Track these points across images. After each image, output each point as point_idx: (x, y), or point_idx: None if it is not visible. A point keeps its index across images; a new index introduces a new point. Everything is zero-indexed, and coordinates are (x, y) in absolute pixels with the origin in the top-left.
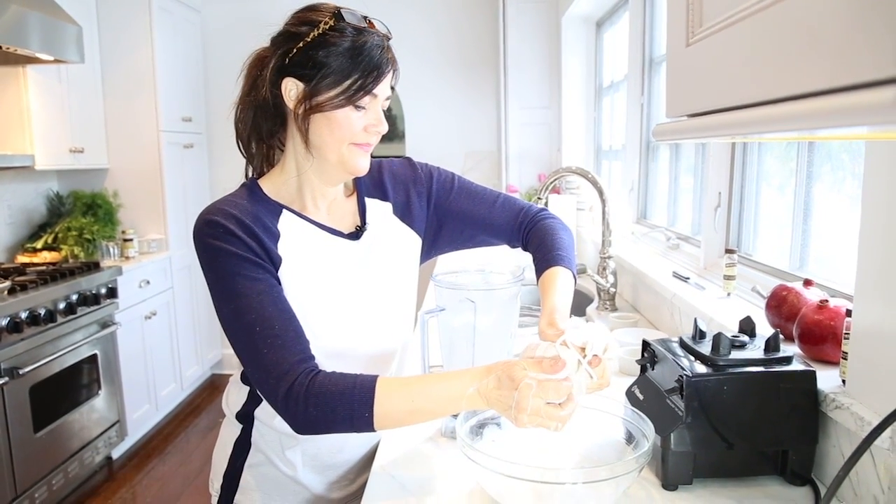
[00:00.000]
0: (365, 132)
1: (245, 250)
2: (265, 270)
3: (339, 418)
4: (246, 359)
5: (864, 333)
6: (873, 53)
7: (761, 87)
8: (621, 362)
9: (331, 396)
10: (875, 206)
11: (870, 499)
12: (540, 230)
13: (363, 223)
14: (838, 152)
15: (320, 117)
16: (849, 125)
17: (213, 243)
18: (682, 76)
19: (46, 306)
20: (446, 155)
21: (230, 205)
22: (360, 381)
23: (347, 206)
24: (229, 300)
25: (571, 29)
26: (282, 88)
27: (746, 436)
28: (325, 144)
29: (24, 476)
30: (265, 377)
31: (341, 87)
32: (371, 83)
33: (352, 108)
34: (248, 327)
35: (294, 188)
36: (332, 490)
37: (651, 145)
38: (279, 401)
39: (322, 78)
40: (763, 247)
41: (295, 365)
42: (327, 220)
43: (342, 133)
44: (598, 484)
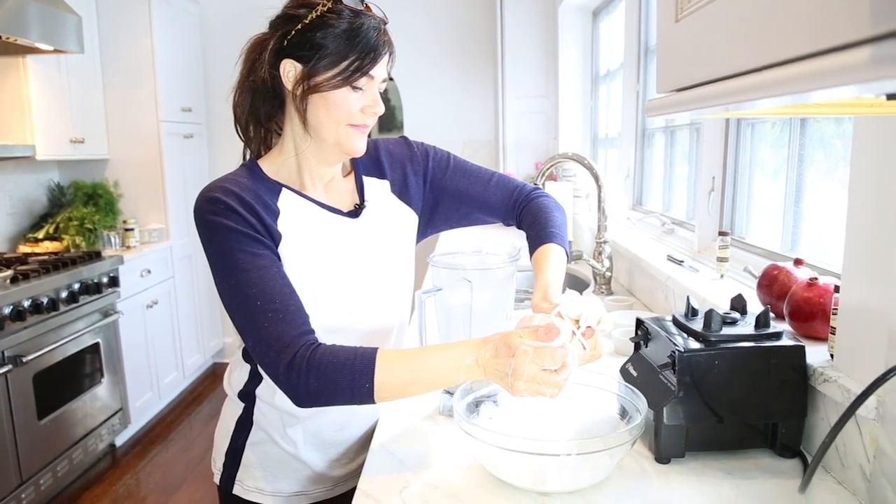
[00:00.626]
0: (362, 113)
1: (245, 226)
2: (265, 246)
3: (339, 389)
4: (247, 333)
5: (851, 309)
6: (850, 16)
7: (745, 56)
8: (616, 342)
9: (332, 367)
10: (862, 186)
11: (856, 468)
12: (533, 208)
13: (362, 201)
14: (831, 138)
15: (318, 98)
16: (830, 86)
17: (213, 219)
18: (672, 52)
19: (49, 295)
20: (444, 144)
21: (230, 182)
22: (360, 352)
23: (346, 185)
24: (230, 275)
25: (568, 18)
26: (280, 70)
27: (737, 409)
28: (323, 125)
29: (28, 463)
30: (266, 350)
31: (339, 68)
32: (368, 64)
33: (349, 90)
34: (250, 301)
35: (293, 168)
36: (332, 468)
37: (646, 133)
38: (281, 373)
39: (320, 59)
40: (756, 229)
41: (296, 338)
42: (326, 198)
43: (339, 114)
44: (592, 456)
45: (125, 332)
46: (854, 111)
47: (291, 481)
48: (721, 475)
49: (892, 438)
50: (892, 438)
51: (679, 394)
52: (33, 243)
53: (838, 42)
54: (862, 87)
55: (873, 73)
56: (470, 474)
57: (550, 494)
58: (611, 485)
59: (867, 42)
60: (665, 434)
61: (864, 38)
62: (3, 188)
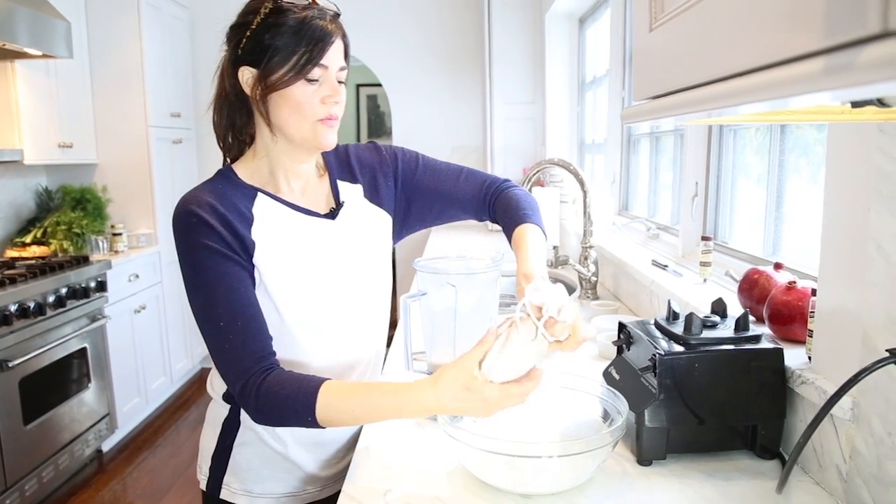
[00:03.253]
0: (323, 105)
1: (218, 241)
2: (236, 263)
3: (285, 418)
4: (210, 349)
5: (827, 312)
6: (807, 28)
7: (714, 65)
8: (600, 346)
9: (276, 399)
10: (836, 191)
11: (833, 469)
12: (504, 198)
13: (338, 202)
14: (813, 144)
15: (277, 98)
16: (788, 95)
17: (187, 233)
18: (647, 60)
19: (36, 299)
20: (433, 149)
21: (206, 192)
22: (304, 386)
23: (321, 188)
24: (198, 292)
25: (555, 25)
26: (239, 78)
27: (717, 412)
28: (288, 124)
29: (14, 468)
30: (226, 371)
31: (290, 64)
32: (317, 53)
33: (305, 83)
34: (214, 321)
35: (266, 171)
36: (322, 467)
37: (632, 139)
38: (236, 394)
39: (270, 58)
40: (738, 234)
41: (251, 364)
42: (302, 201)
43: (301, 110)
44: (574, 458)
45: (113, 337)
46: (826, 118)
47: (281, 482)
48: (702, 476)
49: (867, 439)
50: (867, 439)
51: (660, 396)
52: (21, 247)
53: (796, 53)
54: (819, 96)
55: (825, 83)
56: (454, 477)
57: (533, 497)
58: (593, 487)
59: (821, 53)
60: (647, 436)
61: (818, 50)
62: None
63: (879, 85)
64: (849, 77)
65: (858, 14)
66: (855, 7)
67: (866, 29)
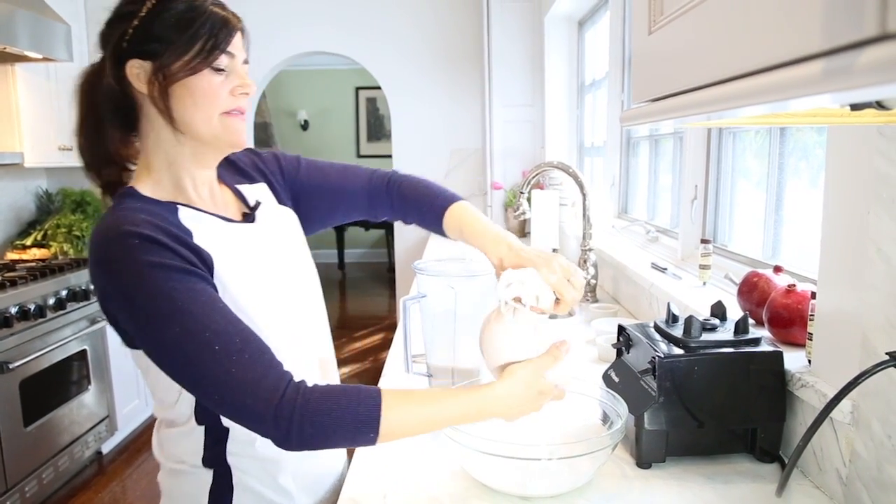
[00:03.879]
0: (232, 96)
1: (174, 258)
2: (200, 277)
3: (339, 437)
4: (210, 386)
5: (827, 315)
6: (805, 31)
7: (713, 68)
8: (599, 349)
9: (330, 415)
10: (836, 194)
11: (833, 472)
12: (410, 185)
13: (250, 206)
14: (813, 147)
15: (180, 90)
16: (788, 98)
17: (133, 258)
18: (645, 63)
19: (36, 301)
20: (432, 152)
21: (130, 212)
22: (362, 397)
23: (226, 194)
24: (172, 322)
25: (554, 28)
26: (127, 74)
27: (717, 415)
28: (194, 119)
29: (14, 470)
30: (242, 400)
31: (194, 50)
32: (223, 39)
33: (211, 72)
34: (205, 347)
35: (170, 184)
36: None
37: (631, 142)
38: (267, 422)
39: (168, 47)
40: (738, 237)
41: (276, 379)
42: (216, 209)
43: (208, 101)
44: (574, 460)
45: (112, 340)
46: (826, 121)
47: None
48: (701, 480)
49: (867, 442)
50: (867, 442)
51: (659, 399)
52: (21, 250)
53: (796, 55)
54: (819, 99)
55: (825, 86)
56: (454, 479)
57: (533, 499)
58: (592, 489)
59: (820, 56)
60: (646, 439)
61: (817, 52)
62: None
63: (878, 87)
64: (848, 80)
65: (857, 16)
66: (853, 9)
67: (865, 31)
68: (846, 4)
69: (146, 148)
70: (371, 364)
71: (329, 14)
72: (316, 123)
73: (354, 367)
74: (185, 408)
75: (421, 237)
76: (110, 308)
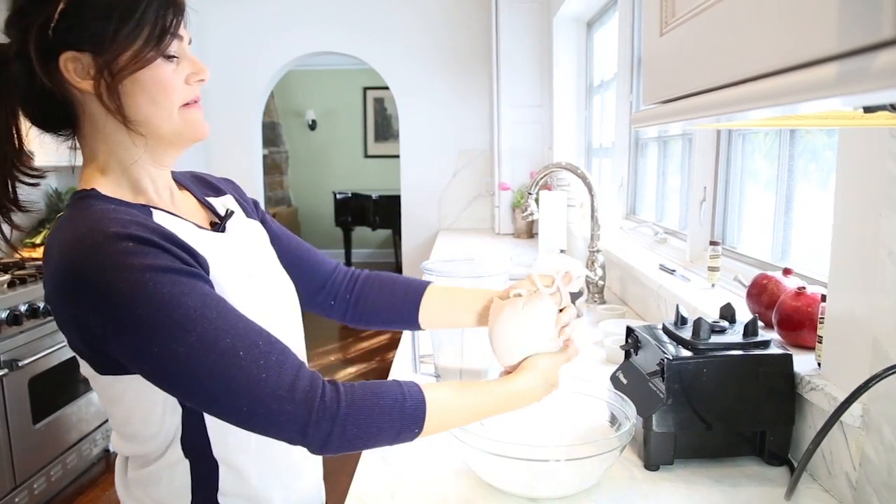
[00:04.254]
0: (187, 85)
1: (174, 261)
2: (205, 281)
3: (382, 436)
4: (235, 396)
5: (837, 318)
6: (820, 33)
7: (726, 70)
8: (607, 351)
9: (372, 414)
10: (847, 196)
11: (842, 476)
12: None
13: (220, 215)
14: (823, 149)
15: (131, 86)
16: (801, 101)
17: (131, 263)
18: (657, 64)
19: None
20: (440, 153)
21: (109, 212)
22: (408, 392)
23: (189, 201)
24: (186, 330)
25: (562, 29)
26: (61, 70)
27: (725, 417)
28: (152, 116)
29: (23, 467)
30: (278, 406)
31: (142, 38)
32: (172, 20)
33: (163, 61)
34: (228, 354)
35: (129, 187)
36: None
37: (640, 143)
38: (307, 429)
39: (110, 35)
40: (747, 239)
41: (309, 381)
42: (181, 212)
43: (165, 95)
44: (581, 462)
45: None
46: (838, 123)
47: None
48: (709, 482)
49: (878, 446)
50: (878, 446)
51: (668, 401)
52: (31, 248)
53: (810, 58)
54: (832, 102)
55: (839, 89)
56: (461, 480)
57: (540, 500)
58: (600, 491)
59: (835, 59)
60: (654, 441)
61: (832, 55)
62: None
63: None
64: (863, 83)
65: (873, 19)
66: (870, 12)
67: (881, 34)
68: (863, 7)
69: (92, 149)
70: (378, 364)
71: (337, 14)
72: (324, 123)
73: (361, 366)
74: (166, 439)
75: (428, 237)
76: (91, 326)
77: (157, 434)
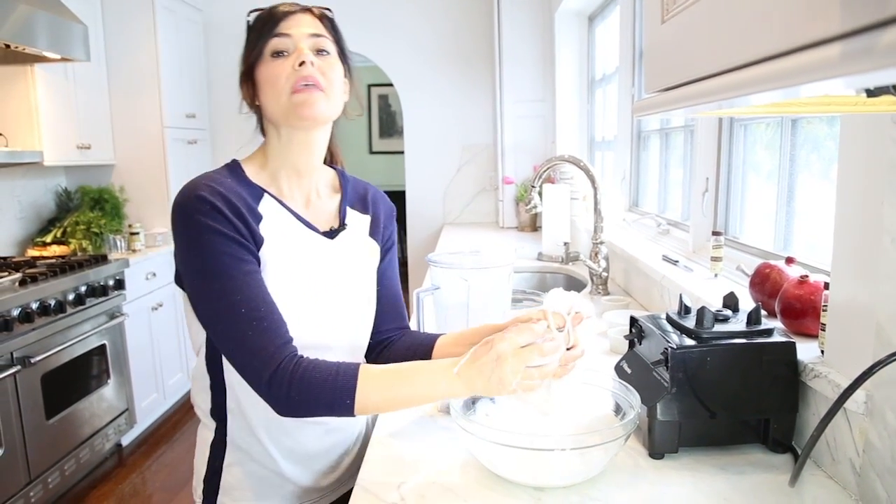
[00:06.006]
0: (293, 73)
1: (231, 230)
2: (249, 251)
3: (321, 404)
4: (228, 340)
5: (840, 306)
6: (823, 14)
7: (727, 54)
8: (611, 341)
9: (314, 383)
10: (849, 184)
11: (846, 463)
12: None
13: (342, 224)
14: (824, 139)
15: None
16: (805, 82)
17: (199, 219)
18: (658, 52)
19: (56, 297)
20: (444, 147)
21: (215, 181)
22: (342, 368)
23: (328, 206)
24: (214, 279)
25: (564, 23)
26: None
27: (729, 405)
28: (268, 104)
29: (37, 462)
30: (250, 360)
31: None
32: (271, 24)
33: (271, 59)
34: (233, 308)
35: (269, 166)
36: (317, 479)
37: (642, 135)
38: (263, 384)
39: (246, 49)
40: (749, 229)
41: (280, 348)
42: (304, 213)
43: (272, 84)
44: (586, 451)
45: (131, 334)
46: (840, 109)
47: (275, 498)
48: (714, 470)
49: (881, 432)
50: (881, 432)
51: (672, 390)
52: (41, 247)
53: (812, 39)
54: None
55: (844, 69)
56: (467, 470)
57: (546, 489)
58: (605, 479)
59: (838, 38)
60: (658, 429)
61: (834, 35)
62: (13, 193)
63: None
64: (869, 61)
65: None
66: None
67: (887, 11)
68: None
69: (266, 139)
70: None
71: (341, 11)
72: None
73: None
74: (203, 357)
75: (433, 231)
76: (174, 245)
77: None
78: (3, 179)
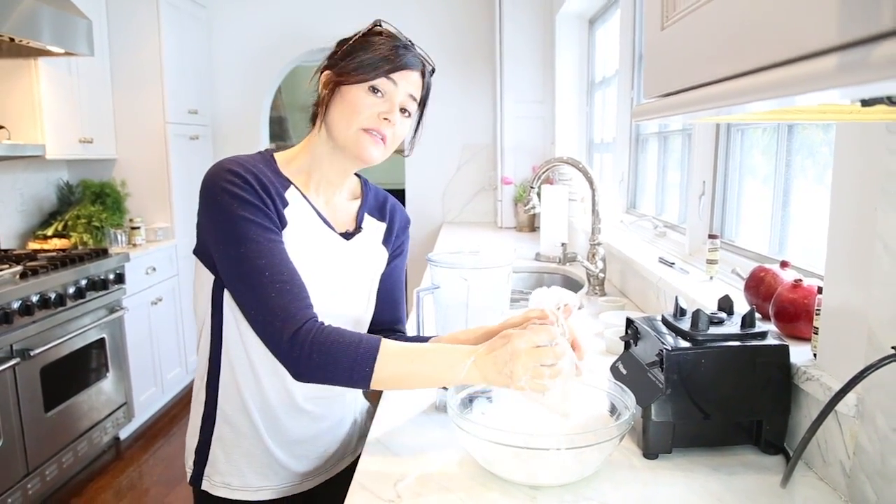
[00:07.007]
0: (375, 118)
1: (259, 202)
2: (275, 224)
3: (340, 369)
4: (251, 301)
5: (833, 310)
6: (820, 26)
7: (726, 63)
8: (607, 342)
9: (336, 347)
10: (843, 190)
11: (837, 465)
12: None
13: (358, 227)
14: (819, 145)
15: (339, 95)
16: (801, 92)
17: (230, 189)
18: (658, 58)
19: (57, 290)
20: (444, 147)
21: (248, 162)
22: (365, 338)
23: (348, 209)
24: (239, 243)
25: (565, 25)
26: (319, 80)
27: (723, 407)
28: (337, 122)
29: (35, 454)
30: (272, 320)
31: (363, 67)
32: (389, 66)
33: (367, 91)
34: (258, 271)
35: (305, 168)
36: (301, 464)
37: (640, 138)
38: (283, 343)
39: (349, 61)
40: (745, 233)
41: (303, 310)
42: (324, 211)
43: (352, 112)
44: (581, 450)
45: (130, 328)
46: (835, 117)
47: (259, 476)
48: (707, 470)
49: (871, 435)
50: (871, 435)
51: (667, 391)
52: (42, 240)
53: (809, 50)
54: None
55: (839, 80)
56: (463, 468)
57: (541, 488)
58: (600, 479)
59: (835, 50)
60: (653, 430)
61: (832, 46)
62: (15, 186)
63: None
64: (863, 74)
65: (873, 10)
66: (869, 3)
67: (881, 25)
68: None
69: (311, 134)
70: None
71: (344, 11)
72: None
73: None
74: (206, 327)
75: (432, 230)
76: (200, 216)
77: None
78: (5, 172)
